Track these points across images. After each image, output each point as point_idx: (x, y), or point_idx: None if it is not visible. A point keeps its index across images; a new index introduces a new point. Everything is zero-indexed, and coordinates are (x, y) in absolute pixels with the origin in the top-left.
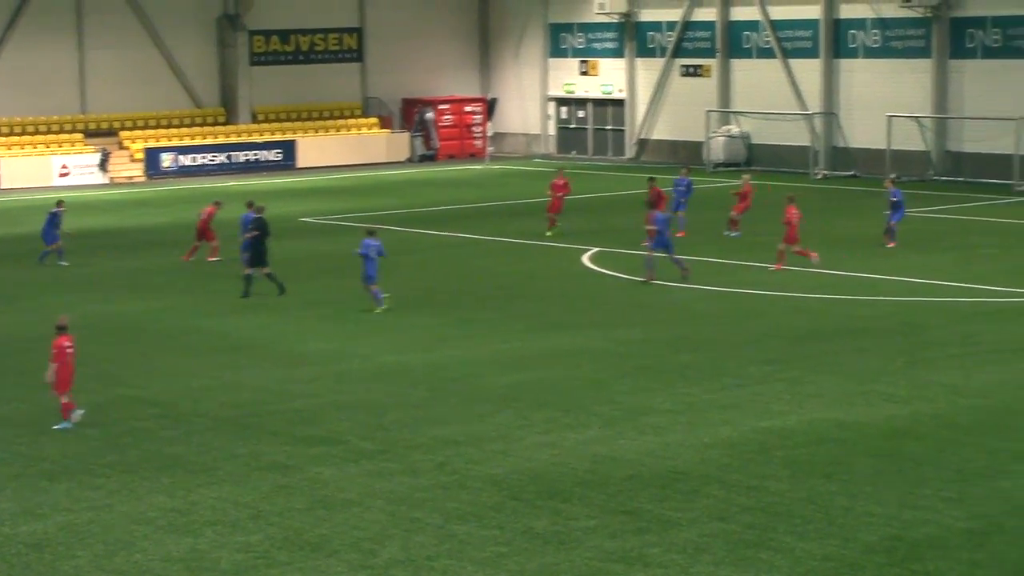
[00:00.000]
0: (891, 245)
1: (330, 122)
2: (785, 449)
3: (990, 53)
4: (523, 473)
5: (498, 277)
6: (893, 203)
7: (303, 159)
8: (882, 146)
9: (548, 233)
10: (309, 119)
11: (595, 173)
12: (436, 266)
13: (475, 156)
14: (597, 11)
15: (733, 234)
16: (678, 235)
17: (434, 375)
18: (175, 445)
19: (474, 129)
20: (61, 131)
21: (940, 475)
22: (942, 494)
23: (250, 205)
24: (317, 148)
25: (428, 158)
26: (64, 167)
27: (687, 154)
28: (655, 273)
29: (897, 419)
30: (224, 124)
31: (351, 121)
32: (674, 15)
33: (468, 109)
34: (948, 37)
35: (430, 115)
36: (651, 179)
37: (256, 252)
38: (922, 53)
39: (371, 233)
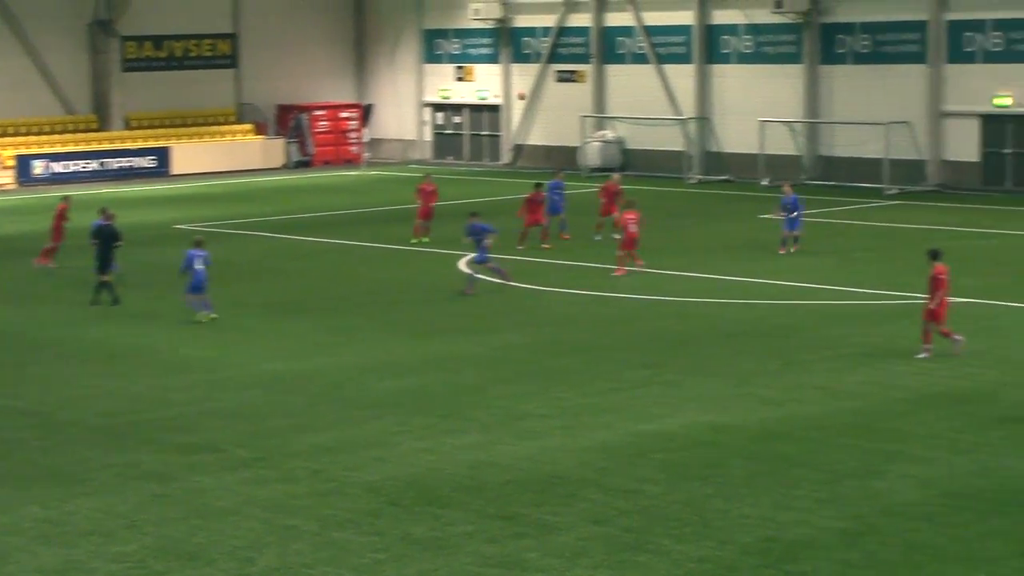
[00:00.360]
0: (782, 252)
1: (204, 128)
2: (662, 452)
3: (860, 59)
4: (401, 479)
5: (375, 283)
6: (789, 210)
7: (177, 166)
8: (755, 150)
9: (413, 241)
10: (183, 125)
11: (471, 179)
12: (312, 273)
13: (351, 162)
14: (472, 17)
15: (600, 237)
16: (562, 238)
17: (311, 382)
18: (49, 455)
19: (350, 135)
20: None
21: (813, 476)
22: (815, 495)
23: (102, 212)
24: (192, 155)
25: (304, 164)
26: None
27: (563, 159)
28: (478, 285)
29: (771, 421)
30: (97, 131)
31: (226, 127)
32: (549, 21)
33: (343, 115)
34: (819, 43)
35: (305, 121)
36: (537, 185)
37: (101, 259)
38: (793, 59)
39: (198, 244)
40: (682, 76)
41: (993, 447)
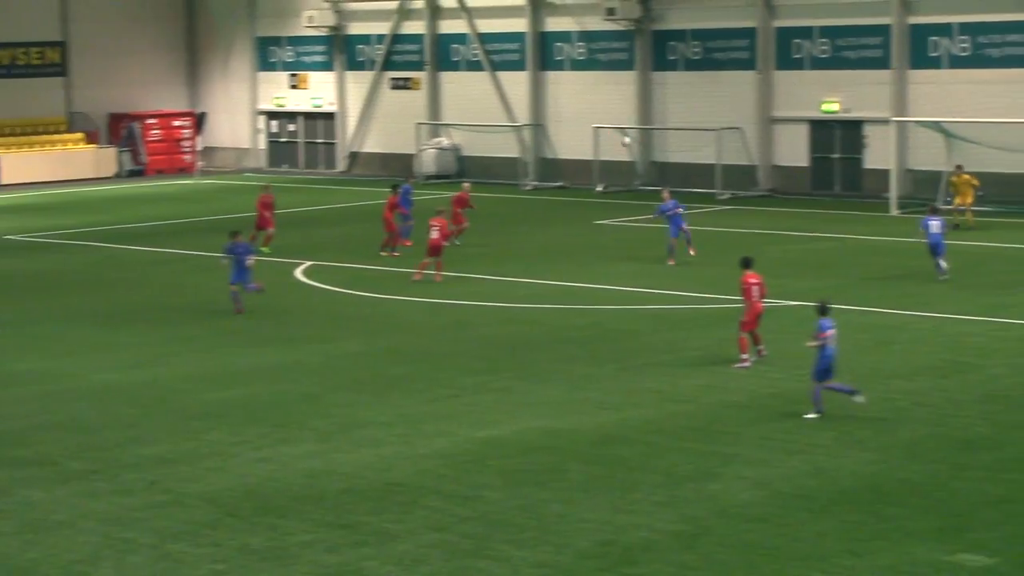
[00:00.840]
0: (671, 263)
1: (35, 138)
2: (500, 458)
3: (691, 65)
4: (238, 489)
5: (210, 293)
6: (670, 217)
7: (7, 175)
8: (589, 157)
9: (265, 249)
10: (12, 135)
11: (306, 187)
12: (146, 283)
13: (185, 171)
14: (306, 24)
15: (459, 242)
16: (405, 244)
17: (146, 393)
18: None
19: (183, 144)
20: None
21: (650, 480)
22: (653, 498)
23: None
24: (22, 164)
25: (136, 173)
26: None
27: (399, 166)
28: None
29: (608, 426)
30: None
31: (56, 136)
32: (383, 28)
33: (177, 123)
34: (651, 50)
35: (137, 130)
36: (394, 187)
37: None
38: (626, 65)
39: None
40: (516, 83)
41: (825, 447)
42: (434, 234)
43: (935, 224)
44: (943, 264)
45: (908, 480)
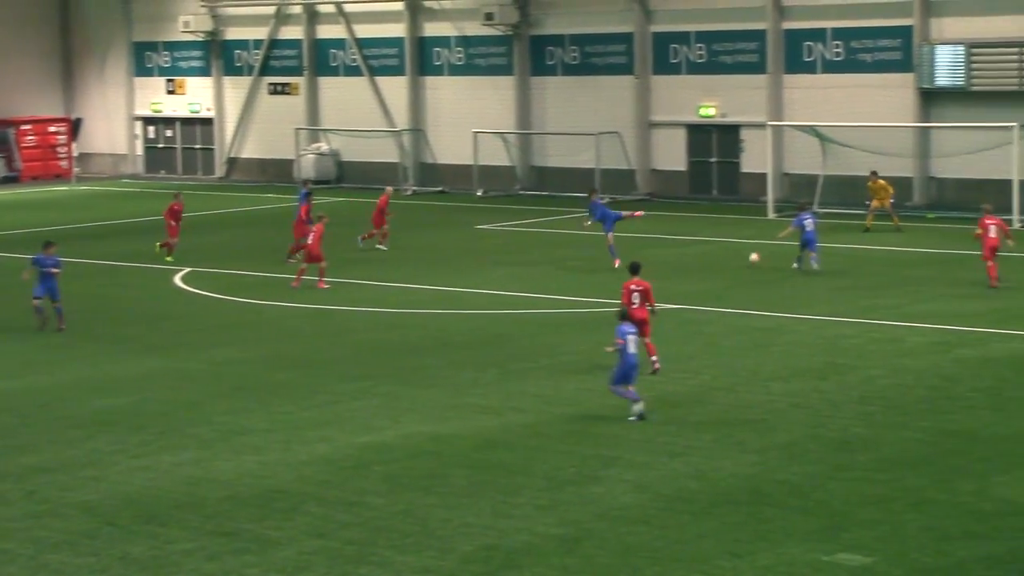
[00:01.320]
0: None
1: None
2: (383, 464)
3: (569, 70)
4: (117, 498)
5: (88, 300)
6: (597, 216)
7: None
8: (469, 161)
9: (168, 258)
10: None
11: (184, 193)
12: (23, 290)
13: (60, 177)
14: (182, 29)
15: (368, 244)
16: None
17: (22, 401)
18: None
19: (58, 149)
20: None
21: (532, 483)
22: (535, 502)
23: None
24: None
25: (11, 180)
26: None
27: (277, 172)
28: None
29: (490, 430)
30: None
31: None
32: (260, 33)
33: (52, 129)
34: (529, 55)
35: (12, 135)
36: (308, 187)
37: None
38: (505, 70)
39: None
40: (395, 88)
41: (706, 450)
42: (310, 240)
43: (808, 221)
44: (815, 260)
45: (787, 481)
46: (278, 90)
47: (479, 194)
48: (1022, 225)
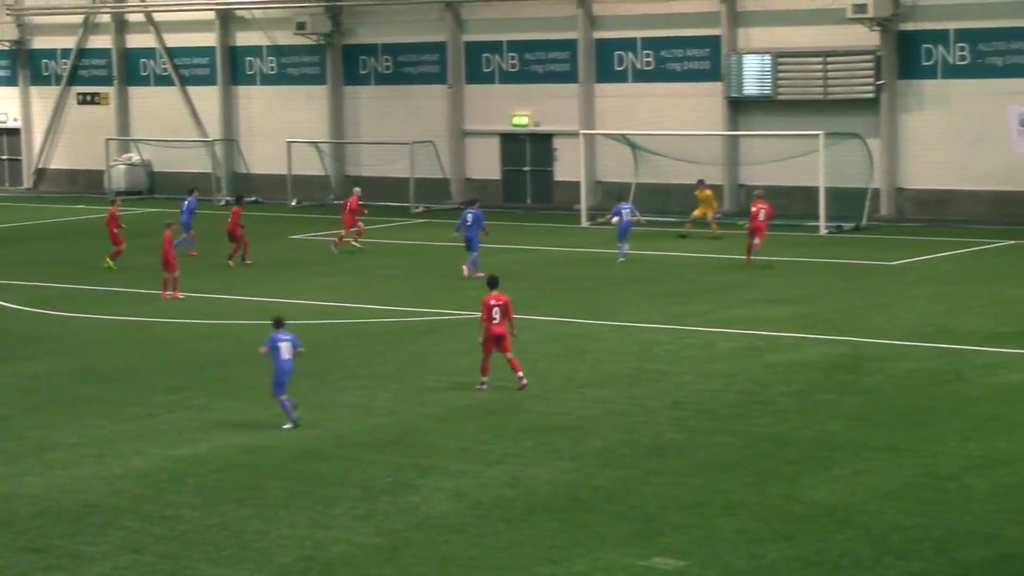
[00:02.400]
0: (472, 273)
1: None
2: (197, 476)
3: (383, 79)
4: None
5: None
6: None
7: None
8: (283, 171)
9: (111, 264)
10: None
11: None
12: None
13: None
14: None
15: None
16: (189, 254)
17: None
18: None
19: None
20: None
21: (349, 493)
22: (353, 512)
23: None
24: None
25: None
26: None
27: (87, 183)
28: None
29: (306, 441)
30: None
31: None
32: (68, 43)
33: None
34: (342, 64)
35: None
36: (239, 198)
37: None
38: (318, 80)
39: None
40: (207, 98)
41: (522, 457)
42: (169, 249)
43: (626, 211)
44: (624, 249)
45: (602, 487)
46: (87, 100)
47: (293, 204)
48: (828, 232)
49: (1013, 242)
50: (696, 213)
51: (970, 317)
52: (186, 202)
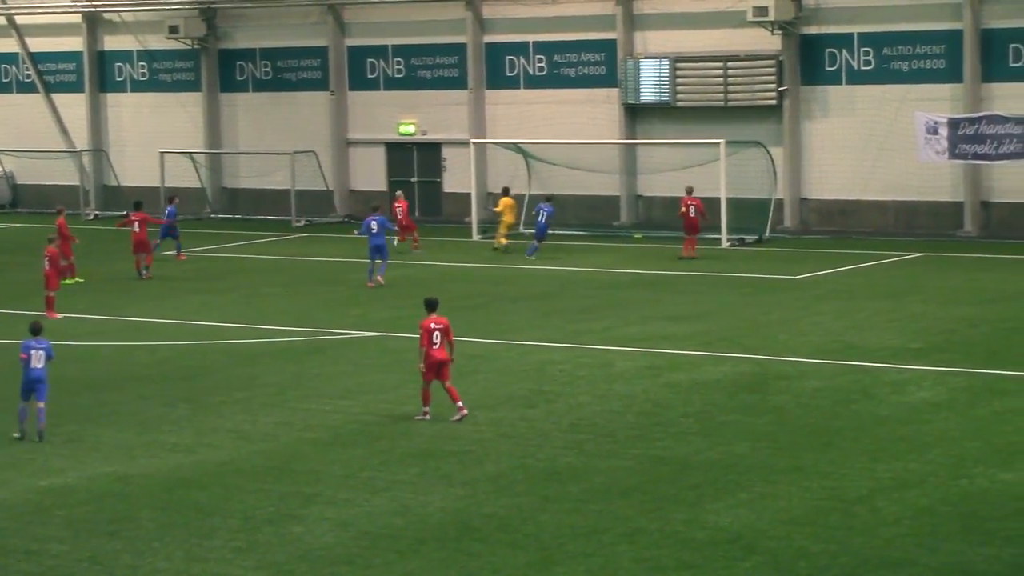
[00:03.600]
0: (371, 284)
1: None
2: (65, 508)
3: (261, 86)
4: None
5: None
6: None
7: None
8: (156, 183)
9: (69, 281)
10: None
11: None
12: None
13: None
14: None
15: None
16: (179, 258)
17: None
18: None
19: None
20: None
21: (228, 524)
22: (232, 543)
23: None
24: None
25: None
26: None
27: None
28: None
29: (182, 468)
30: None
31: None
32: None
33: None
34: (218, 70)
35: None
36: (137, 204)
37: None
38: (192, 86)
39: None
40: (74, 105)
41: (411, 484)
42: (46, 264)
43: (546, 213)
44: (531, 250)
45: (495, 515)
46: None
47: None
48: (730, 244)
49: (921, 254)
50: (505, 222)
51: (878, 333)
52: (167, 211)
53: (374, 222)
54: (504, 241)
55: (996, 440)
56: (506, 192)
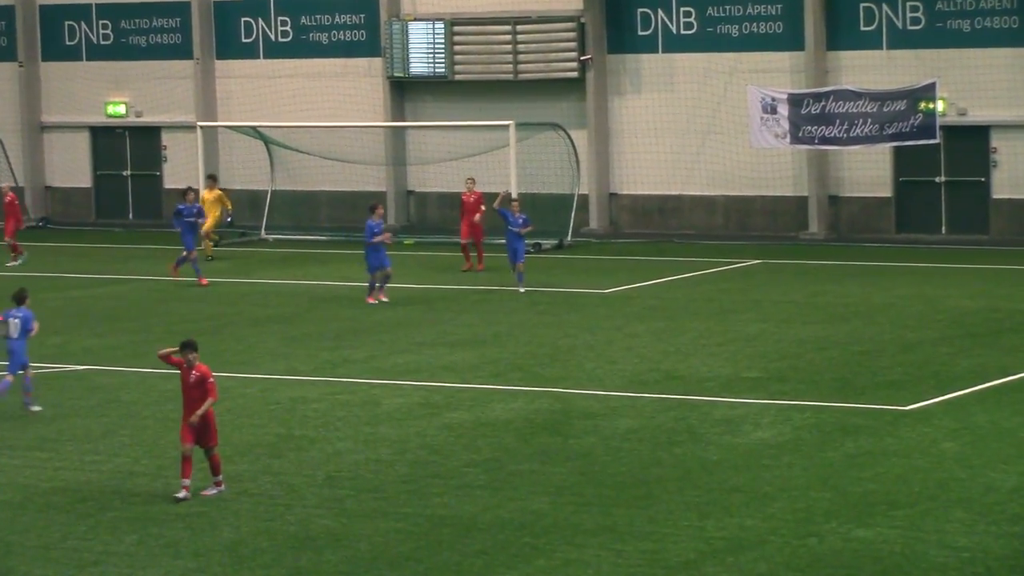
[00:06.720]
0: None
1: None
2: None
3: None
4: None
5: None
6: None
7: None
8: None
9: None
10: None
11: None
12: None
13: None
14: None
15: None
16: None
17: None
18: None
19: None
20: None
21: None
22: None
23: None
24: None
25: None
26: None
27: None
28: None
29: None
30: None
31: None
32: None
33: None
34: None
35: None
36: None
37: None
38: None
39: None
40: None
41: (128, 556)
42: None
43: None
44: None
45: None
46: None
47: None
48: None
49: (757, 261)
50: (208, 223)
51: (705, 359)
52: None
53: (379, 230)
54: (211, 244)
55: (850, 489)
56: (213, 182)
